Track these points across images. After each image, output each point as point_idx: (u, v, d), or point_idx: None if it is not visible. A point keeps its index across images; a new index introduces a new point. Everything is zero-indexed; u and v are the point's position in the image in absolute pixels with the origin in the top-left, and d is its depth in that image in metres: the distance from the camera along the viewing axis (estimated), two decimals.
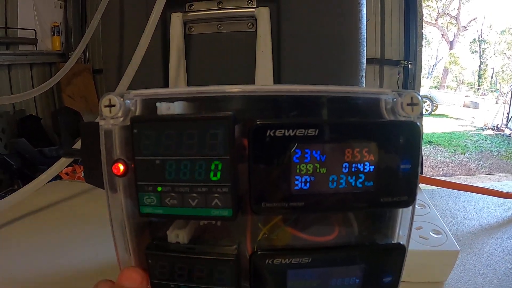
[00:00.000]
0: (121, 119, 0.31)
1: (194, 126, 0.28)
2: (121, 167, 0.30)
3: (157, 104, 0.30)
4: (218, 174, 0.28)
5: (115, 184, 0.32)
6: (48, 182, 0.74)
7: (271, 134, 0.27)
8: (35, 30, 3.52)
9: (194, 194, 0.29)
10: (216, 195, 0.28)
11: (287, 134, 0.27)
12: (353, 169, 0.29)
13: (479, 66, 15.41)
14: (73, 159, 0.87)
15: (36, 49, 3.59)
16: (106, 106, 0.31)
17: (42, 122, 3.48)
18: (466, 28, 15.23)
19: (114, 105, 0.30)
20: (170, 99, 0.30)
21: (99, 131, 0.33)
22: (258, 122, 0.28)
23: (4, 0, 3.26)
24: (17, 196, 0.72)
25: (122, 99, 0.30)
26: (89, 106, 3.90)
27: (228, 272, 0.31)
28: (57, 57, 3.80)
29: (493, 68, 15.23)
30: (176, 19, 0.72)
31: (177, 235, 0.32)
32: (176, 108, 0.29)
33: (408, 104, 0.30)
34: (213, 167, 0.28)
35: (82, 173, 2.71)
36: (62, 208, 0.82)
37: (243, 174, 0.29)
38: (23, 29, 3.41)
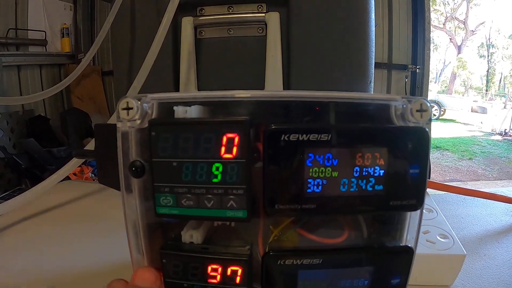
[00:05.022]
0: (138, 121, 0.32)
1: (211, 129, 0.29)
2: None
3: (174, 107, 0.31)
4: (234, 177, 0.29)
5: (131, 185, 0.33)
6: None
7: (286, 138, 0.28)
8: (44, 32, 3.54)
9: (210, 196, 0.30)
10: (231, 196, 0.29)
11: (301, 138, 0.28)
12: (363, 173, 0.29)
13: (487, 71, 15.32)
14: (84, 160, 0.88)
15: (46, 50, 3.61)
16: (123, 109, 0.32)
17: (51, 123, 3.49)
18: (474, 33, 15.16)
19: (131, 108, 0.31)
20: (186, 103, 0.31)
21: (114, 133, 0.34)
22: (273, 127, 0.29)
23: (15, 2, 3.28)
24: (29, 195, 0.73)
25: (139, 102, 0.31)
26: (97, 107, 3.92)
27: (241, 272, 0.32)
28: (67, 58, 3.82)
29: (501, 73, 15.14)
30: (187, 23, 0.73)
31: (191, 236, 0.33)
32: (193, 111, 0.30)
33: (417, 111, 0.31)
34: (229, 169, 0.29)
35: (90, 174, 2.73)
36: (73, 208, 0.83)
37: (256, 177, 0.30)
38: (33, 31, 3.44)
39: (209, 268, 0.32)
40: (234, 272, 0.32)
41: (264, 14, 0.71)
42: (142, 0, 0.76)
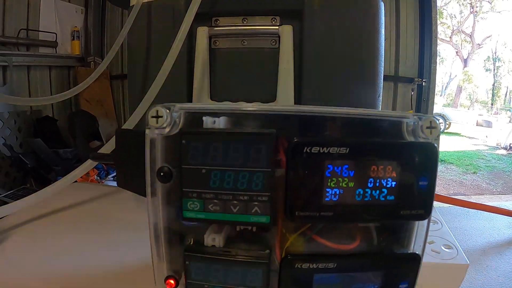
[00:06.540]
0: (167, 129, 0.34)
1: (240, 140, 0.31)
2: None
3: (204, 118, 0.33)
4: (259, 184, 0.31)
5: (156, 189, 0.35)
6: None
7: (308, 150, 0.31)
8: (55, 34, 3.58)
9: (236, 202, 0.32)
10: (256, 203, 0.32)
11: (321, 151, 0.31)
12: (377, 184, 0.32)
13: (493, 85, 15.29)
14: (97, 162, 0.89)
15: (56, 52, 3.65)
16: (153, 117, 0.34)
17: (58, 124, 3.52)
18: (481, 46, 15.16)
19: (161, 116, 0.34)
20: (213, 114, 0.33)
21: (137, 139, 0.36)
22: (296, 140, 0.31)
23: (27, 3, 3.33)
24: (42, 195, 0.72)
25: (168, 111, 0.34)
26: (104, 110, 3.95)
27: (261, 274, 0.34)
28: (76, 61, 3.86)
29: (507, 87, 15.11)
30: (202, 33, 0.75)
31: (214, 239, 0.35)
32: (221, 122, 0.33)
33: (427, 127, 0.33)
34: (255, 177, 0.31)
35: (95, 176, 2.75)
36: (82, 210, 0.82)
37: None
38: (44, 32, 3.48)
39: (230, 270, 0.34)
40: (254, 275, 0.34)
41: (277, 27, 0.73)
42: (158, 9, 0.78)
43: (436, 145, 0.33)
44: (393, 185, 0.32)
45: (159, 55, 0.73)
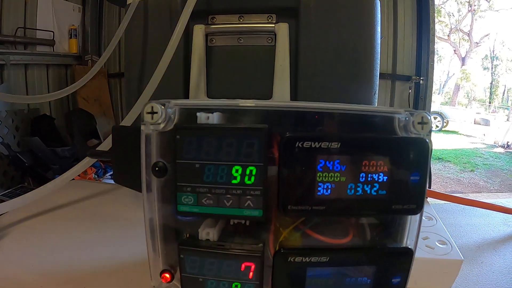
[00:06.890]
0: (162, 125, 0.34)
1: (233, 135, 0.32)
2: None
3: (198, 113, 0.33)
4: (252, 179, 0.32)
5: (151, 184, 0.36)
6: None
7: (300, 145, 0.31)
8: (53, 32, 3.58)
9: (229, 196, 0.32)
10: (249, 197, 0.32)
11: (313, 146, 0.31)
12: (369, 179, 0.32)
13: (491, 83, 15.30)
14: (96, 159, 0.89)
15: (53, 50, 3.64)
16: (148, 113, 0.34)
17: (56, 122, 3.52)
18: (479, 44, 15.17)
19: (156, 112, 0.34)
20: (207, 110, 0.34)
21: (133, 135, 0.36)
22: (288, 135, 0.31)
23: (24, 1, 3.32)
24: (41, 192, 0.72)
25: (163, 107, 0.34)
26: (102, 109, 3.95)
27: (254, 267, 0.34)
28: (73, 59, 3.85)
29: (505, 85, 15.13)
30: (199, 31, 0.75)
31: (208, 233, 0.35)
32: (215, 118, 0.33)
33: (418, 123, 0.34)
34: (248, 172, 0.32)
35: (93, 175, 2.75)
36: (80, 207, 0.82)
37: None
38: (41, 30, 3.47)
39: (224, 264, 0.34)
40: (248, 268, 0.34)
41: (273, 25, 0.73)
42: (155, 7, 0.78)
43: (427, 140, 0.34)
44: (385, 180, 0.33)
45: (156, 53, 0.73)
